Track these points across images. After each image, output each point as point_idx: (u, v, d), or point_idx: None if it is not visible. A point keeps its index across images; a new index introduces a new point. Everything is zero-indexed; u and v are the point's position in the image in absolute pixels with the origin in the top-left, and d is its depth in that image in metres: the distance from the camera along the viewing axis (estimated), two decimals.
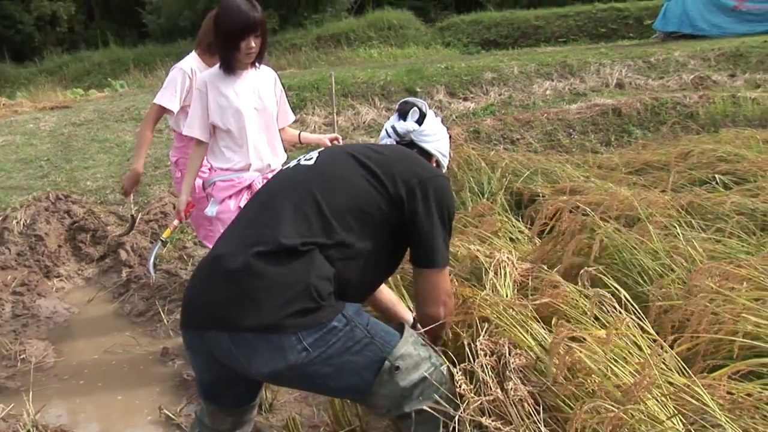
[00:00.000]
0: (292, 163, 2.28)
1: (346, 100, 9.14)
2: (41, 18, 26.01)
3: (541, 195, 4.82)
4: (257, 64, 3.48)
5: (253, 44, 3.25)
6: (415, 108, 2.47)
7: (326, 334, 1.87)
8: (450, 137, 6.92)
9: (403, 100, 2.56)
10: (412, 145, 2.44)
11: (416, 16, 22.42)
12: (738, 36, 12.56)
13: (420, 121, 2.46)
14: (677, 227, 3.41)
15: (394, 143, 2.46)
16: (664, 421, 1.73)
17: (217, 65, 3.43)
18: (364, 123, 8.61)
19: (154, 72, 17.94)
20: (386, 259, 2.22)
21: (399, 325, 2.11)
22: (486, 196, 4.96)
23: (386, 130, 2.52)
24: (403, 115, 2.49)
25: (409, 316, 2.57)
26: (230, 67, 3.35)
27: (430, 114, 2.50)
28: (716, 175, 4.98)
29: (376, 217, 2.05)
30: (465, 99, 9.58)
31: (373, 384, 1.94)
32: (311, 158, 2.23)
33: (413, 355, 2.00)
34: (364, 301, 2.37)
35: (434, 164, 2.49)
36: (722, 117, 8.20)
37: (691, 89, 9.60)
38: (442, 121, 7.85)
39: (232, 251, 1.94)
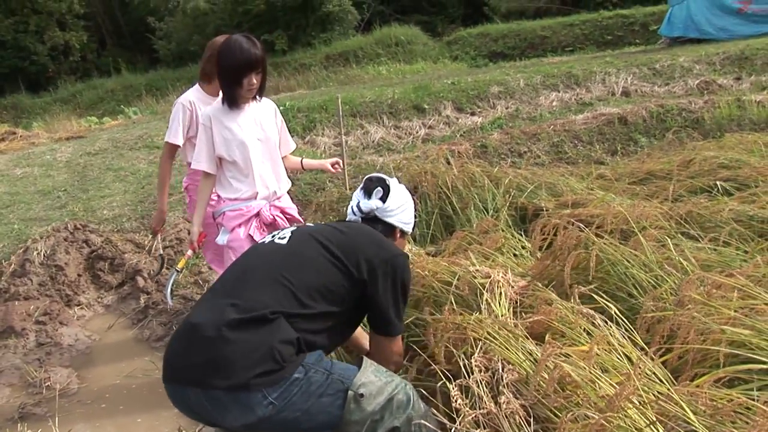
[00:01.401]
0: (267, 239, 2.52)
1: (355, 119, 9.28)
2: (55, 48, 26.46)
3: (544, 209, 4.92)
4: (258, 98, 3.63)
5: (254, 80, 3.42)
6: (379, 187, 2.65)
7: (289, 386, 2.10)
8: (456, 153, 7.03)
9: (368, 177, 2.74)
10: (376, 220, 2.64)
11: (423, 31, 22.61)
12: (744, 38, 12.60)
13: (384, 198, 2.64)
14: (671, 238, 3.51)
15: (360, 220, 2.66)
16: (643, 429, 1.84)
17: (220, 99, 3.59)
18: (373, 142, 8.75)
19: (165, 97, 18.24)
20: (350, 322, 2.50)
21: (358, 360, 2.33)
22: (490, 212, 5.06)
23: (352, 208, 2.69)
24: (368, 193, 2.67)
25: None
26: (233, 101, 3.51)
27: (394, 187, 2.69)
28: (717, 182, 5.06)
29: (340, 293, 2.30)
30: (472, 114, 9.70)
31: (342, 416, 2.14)
32: (284, 237, 2.44)
33: (374, 382, 2.20)
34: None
35: (398, 234, 2.71)
36: (728, 121, 8.26)
37: (697, 94, 9.67)
38: (451, 135, 7.94)
39: (207, 320, 2.13)
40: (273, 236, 2.48)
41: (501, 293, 2.92)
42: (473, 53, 20.73)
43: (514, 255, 4.10)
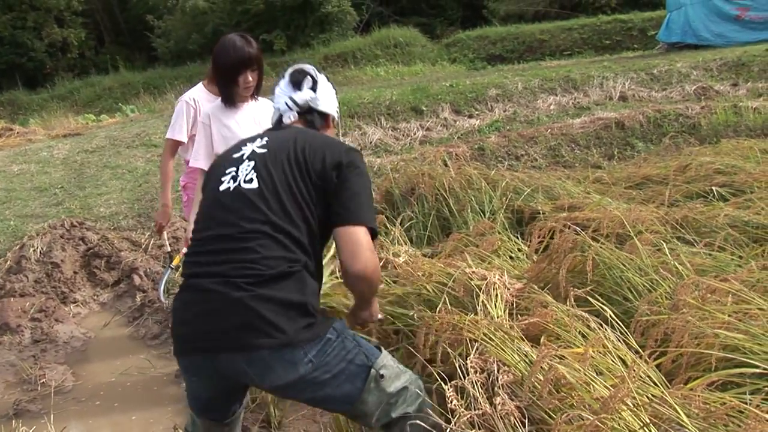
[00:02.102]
0: (229, 185, 2.22)
1: (353, 120, 9.29)
2: (52, 45, 26.43)
3: (541, 212, 4.93)
4: (256, 96, 3.66)
5: (250, 78, 3.46)
6: (308, 77, 2.55)
7: (324, 346, 2.07)
8: (454, 155, 7.04)
9: (293, 69, 2.60)
10: (311, 111, 2.55)
11: (422, 33, 22.66)
12: (741, 45, 12.66)
13: (314, 87, 2.54)
14: (667, 243, 3.53)
15: (296, 115, 2.53)
16: (637, 431, 1.85)
17: (220, 99, 3.61)
18: (370, 143, 8.76)
19: (163, 96, 18.23)
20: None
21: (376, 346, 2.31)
22: (487, 215, 5.08)
23: (285, 103, 2.54)
24: (297, 85, 2.55)
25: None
26: (230, 100, 3.55)
27: (320, 77, 2.58)
28: (713, 188, 5.08)
29: (321, 217, 2.19)
30: (470, 116, 9.72)
31: (362, 391, 2.11)
32: (251, 180, 2.19)
33: (393, 367, 2.20)
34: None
35: (331, 121, 2.66)
36: (724, 127, 8.28)
37: (694, 100, 9.70)
38: (449, 137, 7.96)
39: (221, 281, 2.04)
40: (235, 179, 2.20)
41: (497, 295, 2.93)
42: (471, 56, 20.76)
43: (510, 258, 4.11)
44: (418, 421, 2.15)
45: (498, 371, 2.25)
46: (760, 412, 1.86)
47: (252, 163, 2.19)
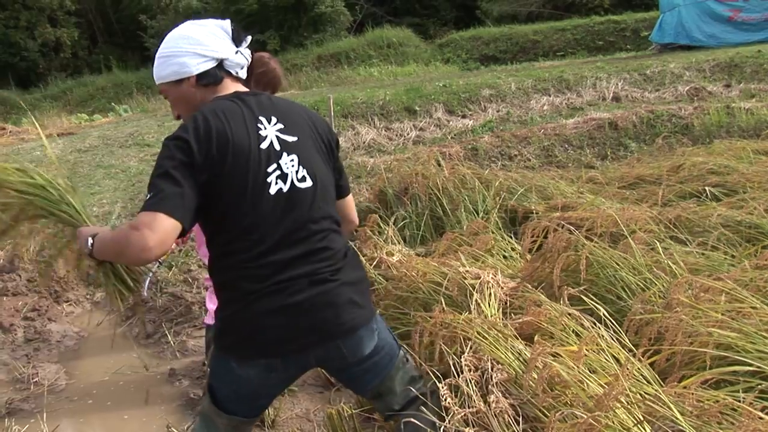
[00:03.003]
0: (282, 186, 2.08)
1: (346, 120, 9.29)
2: (45, 44, 26.35)
3: (534, 212, 4.95)
4: None
5: None
6: (240, 31, 2.31)
7: (376, 317, 2.24)
8: (447, 155, 7.05)
9: (225, 23, 2.30)
10: (251, 67, 2.37)
11: (415, 34, 22.65)
12: (734, 46, 12.72)
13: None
14: (660, 242, 3.54)
15: (244, 72, 2.30)
16: (631, 428, 1.86)
17: None
18: (364, 143, 8.76)
19: (156, 95, 18.13)
20: None
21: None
22: (480, 214, 5.08)
23: (240, 64, 2.25)
24: (239, 43, 2.27)
25: None
26: None
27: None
28: (706, 188, 5.11)
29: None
30: (463, 116, 9.73)
31: (389, 372, 2.22)
32: (305, 179, 2.12)
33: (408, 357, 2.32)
34: None
35: None
36: (717, 128, 8.32)
37: (687, 101, 9.74)
38: (442, 137, 7.97)
39: (307, 281, 2.07)
40: (284, 179, 2.08)
41: (491, 294, 2.94)
42: (465, 56, 20.78)
43: (504, 257, 4.13)
44: (413, 420, 2.15)
45: (492, 369, 2.26)
46: (753, 410, 1.87)
47: (295, 158, 2.10)
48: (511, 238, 4.45)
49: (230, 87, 2.18)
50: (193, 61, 2.12)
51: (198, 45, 2.14)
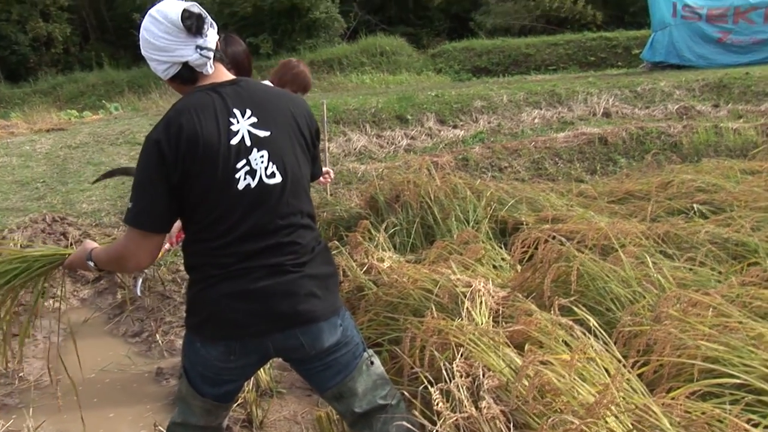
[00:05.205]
0: (251, 182, 2.10)
1: (338, 126, 9.32)
2: (37, 39, 26.16)
3: (524, 223, 4.98)
4: None
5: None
6: (203, 17, 2.11)
7: (344, 313, 2.29)
8: (438, 164, 7.08)
9: (190, 14, 2.06)
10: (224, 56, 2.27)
11: (408, 43, 22.69)
12: (722, 67, 12.89)
13: (211, 24, 2.16)
14: (649, 256, 3.58)
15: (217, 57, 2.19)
16: None
17: None
18: (355, 150, 8.79)
19: (148, 94, 18.13)
20: None
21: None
22: (471, 224, 5.11)
23: (214, 54, 2.14)
24: (197, 31, 2.08)
25: None
26: None
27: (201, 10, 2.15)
28: (694, 205, 5.17)
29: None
30: (455, 126, 9.79)
31: (351, 373, 2.24)
32: (274, 175, 2.13)
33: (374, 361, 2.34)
34: None
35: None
36: (705, 146, 8.42)
37: (676, 119, 9.84)
38: (433, 146, 7.97)
39: (267, 271, 2.13)
40: (253, 175, 2.09)
41: (481, 302, 2.96)
42: (457, 67, 20.87)
43: (494, 266, 4.16)
44: (404, 423, 2.17)
45: (483, 376, 2.28)
46: (739, 422, 1.91)
47: (265, 154, 2.10)
48: (501, 248, 4.48)
49: (210, 77, 2.16)
50: (160, 67, 2.13)
51: (157, 52, 2.10)
